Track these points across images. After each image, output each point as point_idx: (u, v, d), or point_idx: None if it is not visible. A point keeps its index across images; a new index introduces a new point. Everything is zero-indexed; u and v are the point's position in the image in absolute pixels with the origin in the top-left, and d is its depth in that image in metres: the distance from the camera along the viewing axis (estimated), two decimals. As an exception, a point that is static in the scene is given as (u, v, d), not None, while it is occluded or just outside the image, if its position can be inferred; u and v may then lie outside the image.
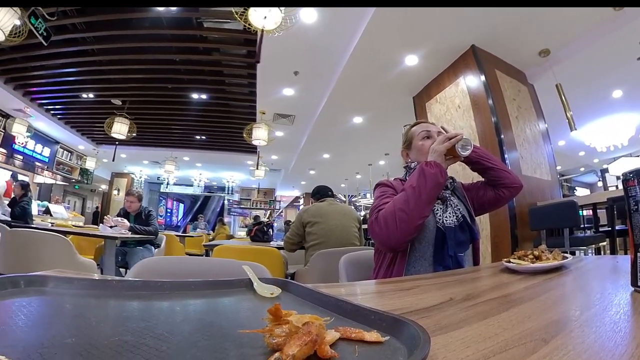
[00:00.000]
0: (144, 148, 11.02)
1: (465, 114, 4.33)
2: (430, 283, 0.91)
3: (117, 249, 3.93)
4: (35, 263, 2.91)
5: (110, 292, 0.64)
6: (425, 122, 1.62)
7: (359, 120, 6.72)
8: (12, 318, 0.48)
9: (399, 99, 5.61)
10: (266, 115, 6.85)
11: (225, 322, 0.53)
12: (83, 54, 6.05)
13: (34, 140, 9.79)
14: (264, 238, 4.54)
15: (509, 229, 3.62)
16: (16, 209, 4.96)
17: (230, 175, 14.20)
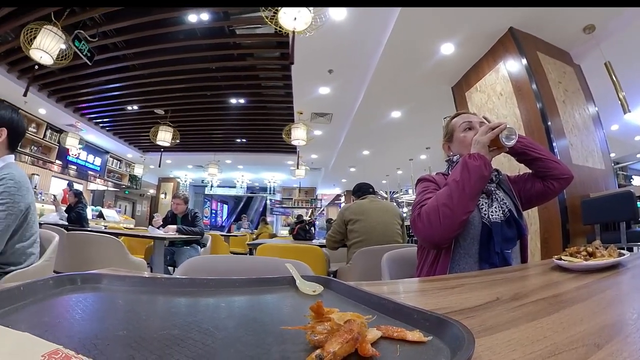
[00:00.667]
0: (187, 153, 11.46)
1: (508, 101, 4.07)
2: (476, 281, 0.88)
3: (166, 249, 4.11)
4: (91, 262, 3.10)
5: (159, 289, 0.68)
6: (466, 113, 1.55)
7: (397, 114, 6.55)
8: (69, 312, 0.53)
9: (438, 90, 5.40)
10: (304, 115, 6.90)
11: (268, 319, 0.55)
12: (125, 69, 6.44)
13: (85, 151, 10.53)
14: (306, 236, 4.58)
15: (560, 223, 3.34)
16: (72, 215, 5.29)
17: (272, 175, 14.43)
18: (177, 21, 4.97)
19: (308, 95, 6.20)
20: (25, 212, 1.63)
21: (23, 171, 1.73)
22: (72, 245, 3.20)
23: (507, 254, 1.28)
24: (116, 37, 5.40)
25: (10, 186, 1.55)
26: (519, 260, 1.37)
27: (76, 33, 4.77)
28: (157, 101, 7.72)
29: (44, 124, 8.88)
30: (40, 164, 9.26)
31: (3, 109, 1.71)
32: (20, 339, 0.36)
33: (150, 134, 7.92)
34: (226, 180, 14.93)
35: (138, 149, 11.73)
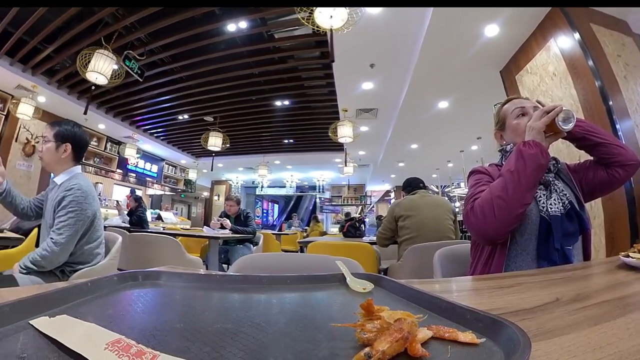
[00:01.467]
0: (237, 156, 11.87)
1: (562, 81, 3.64)
2: (533, 280, 0.83)
3: (220, 248, 4.30)
4: (151, 261, 3.29)
5: (214, 285, 0.72)
6: (517, 98, 1.45)
7: (444, 104, 6.27)
8: (131, 306, 0.58)
9: (485, 76, 5.07)
10: (349, 112, 6.85)
11: (318, 315, 0.55)
12: (173, 82, 6.85)
13: (143, 160, 11.48)
14: (356, 233, 4.56)
15: (627, 216, 2.91)
16: (133, 218, 5.75)
17: (320, 174, 14.53)
18: (217, 32, 5.13)
19: (352, 92, 6.15)
20: (92, 217, 1.80)
21: (89, 180, 1.90)
22: (134, 245, 3.42)
23: (568, 251, 1.18)
24: (162, 53, 5.76)
25: (78, 195, 1.73)
26: (581, 258, 1.27)
27: (126, 53, 5.23)
28: (205, 109, 8.09)
29: (104, 137, 9.87)
30: (103, 173, 10.32)
31: (66, 124, 1.90)
32: (87, 328, 0.40)
33: (202, 140, 8.37)
34: (276, 180, 15.25)
35: (191, 155, 12.46)
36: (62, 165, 1.89)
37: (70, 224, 1.69)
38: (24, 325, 0.41)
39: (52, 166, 1.89)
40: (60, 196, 1.75)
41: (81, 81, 6.60)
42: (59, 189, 1.81)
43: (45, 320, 0.42)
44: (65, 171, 1.89)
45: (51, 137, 1.85)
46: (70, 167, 1.90)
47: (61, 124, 1.90)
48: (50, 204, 1.80)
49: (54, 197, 1.79)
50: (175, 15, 4.69)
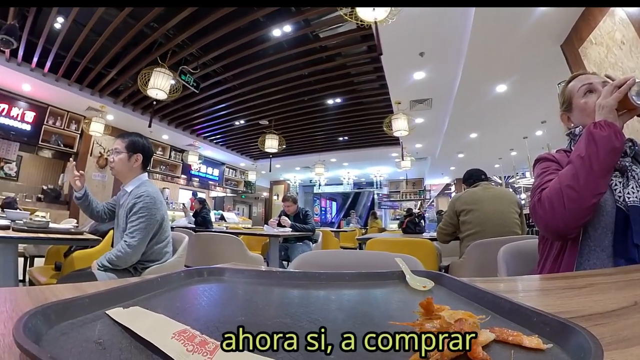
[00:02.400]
0: (294, 156, 12.13)
1: (632, 50, 3.15)
2: (609, 281, 0.76)
3: (280, 245, 4.45)
4: (215, 258, 3.45)
5: (274, 281, 0.74)
6: (584, 74, 1.29)
7: (502, 88, 5.86)
8: (197, 299, 0.62)
9: (545, 52, 4.62)
10: (402, 105, 6.71)
11: (376, 313, 0.55)
12: (228, 90, 7.23)
13: (205, 165, 12.33)
14: (415, 230, 4.45)
15: None
16: (198, 219, 6.12)
17: (377, 169, 14.34)
18: (263, 39, 5.29)
19: (403, 83, 6.01)
20: (160, 220, 1.96)
21: (156, 187, 2.08)
22: (199, 244, 3.61)
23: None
24: (214, 64, 6.14)
25: (147, 202, 1.90)
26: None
27: (181, 69, 5.74)
28: (260, 113, 8.39)
29: (168, 146, 10.88)
30: (169, 179, 11.30)
31: (138, 137, 2.09)
32: (157, 319, 0.44)
33: (259, 143, 8.81)
34: (333, 178, 15.32)
35: (249, 158, 13.03)
36: (132, 173, 2.08)
37: (141, 227, 1.85)
38: (101, 314, 0.46)
39: (122, 174, 2.08)
40: (131, 203, 1.92)
41: (143, 98, 7.27)
42: (130, 196, 1.99)
43: (119, 311, 0.47)
44: (134, 179, 2.07)
45: (123, 149, 2.04)
46: (138, 175, 2.09)
47: (131, 136, 2.09)
48: (123, 210, 1.99)
49: (126, 203, 1.97)
50: (222, 28, 4.96)
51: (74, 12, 4.77)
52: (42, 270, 2.62)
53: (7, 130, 7.40)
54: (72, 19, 4.91)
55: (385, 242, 3.20)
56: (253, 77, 6.47)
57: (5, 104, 7.31)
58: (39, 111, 7.83)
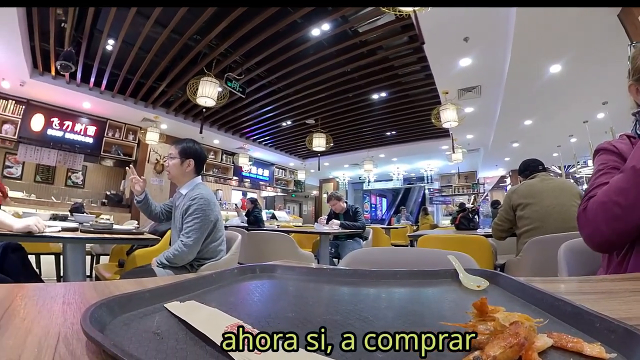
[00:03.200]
0: (342, 154, 12.14)
1: None
2: None
3: (330, 243, 4.46)
4: (267, 255, 3.52)
5: (324, 279, 0.75)
6: None
7: (556, 68, 5.32)
8: (249, 295, 0.64)
9: (600, 24, 4.14)
10: (450, 94, 6.45)
11: (427, 312, 0.54)
12: (273, 93, 7.40)
13: (255, 166, 12.74)
14: (469, 225, 4.29)
15: None
16: (250, 218, 6.40)
17: (427, 164, 13.89)
18: (303, 39, 5.32)
19: (449, 72, 5.78)
20: (214, 221, 2.07)
21: (209, 189, 2.19)
22: (252, 242, 3.72)
23: None
24: (258, 69, 6.30)
25: (201, 204, 2.00)
26: None
27: (226, 76, 6.03)
28: (306, 113, 8.47)
29: (219, 150, 11.42)
30: (222, 181, 11.84)
31: (189, 143, 2.21)
32: (211, 312, 0.47)
33: (306, 142, 8.92)
34: (382, 174, 15.09)
35: (298, 157, 13.23)
36: (186, 177, 2.20)
37: (196, 228, 1.96)
38: (160, 307, 0.49)
39: (177, 178, 2.22)
40: (186, 205, 2.04)
41: (193, 106, 7.81)
42: (185, 198, 2.11)
43: (176, 304, 0.50)
44: (189, 182, 2.20)
45: (176, 154, 2.17)
46: (192, 179, 2.21)
47: (184, 142, 2.22)
48: (179, 212, 2.11)
49: (181, 205, 2.09)
50: (261, 33, 5.09)
51: (123, 34, 5.19)
52: (106, 267, 2.84)
53: (73, 144, 8.33)
54: (121, 40, 5.37)
55: (438, 239, 3.11)
56: (297, 77, 6.56)
57: (69, 121, 8.25)
58: (100, 125, 8.74)
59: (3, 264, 1.84)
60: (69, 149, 8.34)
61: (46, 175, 8.81)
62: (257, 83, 6.87)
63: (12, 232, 1.58)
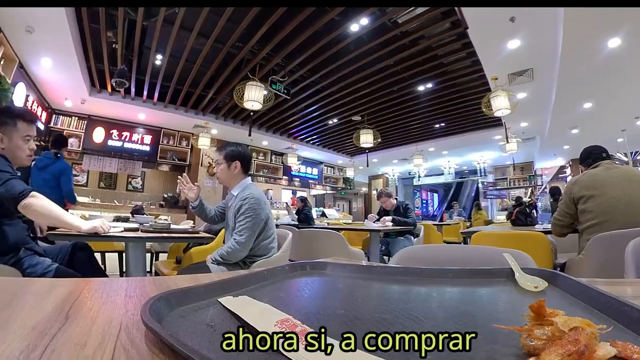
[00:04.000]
0: (390, 149, 11.96)
1: None
2: None
3: (381, 240, 4.40)
4: (317, 253, 3.54)
5: (374, 276, 0.75)
6: None
7: (615, 42, 4.75)
8: (300, 291, 0.66)
9: None
10: (500, 80, 6.09)
11: (480, 313, 0.52)
12: (317, 92, 7.46)
13: (304, 165, 12.97)
14: (526, 221, 4.04)
15: None
16: (301, 216, 6.58)
17: (480, 156, 13.18)
18: (343, 36, 5.29)
19: (497, 56, 5.44)
20: (265, 219, 2.13)
21: (259, 189, 2.26)
22: (302, 239, 3.76)
23: None
24: (301, 70, 6.41)
25: (252, 203, 2.07)
26: None
27: (270, 79, 6.23)
28: (352, 109, 8.44)
29: (268, 151, 11.78)
30: (272, 181, 12.21)
31: (233, 146, 2.30)
32: (262, 307, 0.48)
33: (354, 139, 8.90)
34: (432, 168, 14.60)
35: (346, 155, 13.24)
36: (235, 179, 2.29)
37: (248, 226, 2.04)
38: (214, 301, 0.52)
39: (227, 181, 2.31)
40: (238, 205, 2.12)
41: (241, 110, 8.31)
42: (236, 199, 2.19)
43: (229, 299, 0.52)
44: (239, 184, 2.28)
45: (222, 159, 2.26)
46: (242, 180, 2.29)
47: (228, 146, 2.31)
48: (231, 212, 2.20)
49: (233, 205, 2.18)
50: (300, 35, 5.18)
51: (169, 48, 5.65)
52: (165, 264, 3.02)
53: (131, 152, 9.25)
54: (168, 54, 5.84)
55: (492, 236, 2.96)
56: (340, 75, 6.54)
57: (127, 131, 9.18)
58: (155, 134, 9.59)
59: (72, 261, 2.00)
60: (128, 157, 9.27)
61: (109, 182, 9.69)
62: (301, 83, 6.98)
63: (80, 232, 1.72)
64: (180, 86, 7.29)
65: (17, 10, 4.30)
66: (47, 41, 5.07)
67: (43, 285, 0.67)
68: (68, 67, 5.94)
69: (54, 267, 1.76)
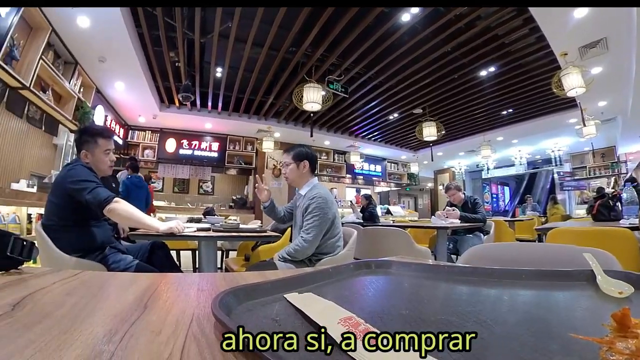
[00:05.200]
0: (455, 141, 11.53)
1: None
2: None
3: (449, 238, 4.25)
4: (382, 251, 3.51)
5: (441, 276, 0.73)
6: None
7: None
8: (364, 290, 0.66)
9: None
10: (570, 55, 5.40)
11: (555, 320, 0.48)
12: (375, 87, 7.39)
13: (367, 162, 12.94)
14: (610, 216, 3.67)
15: None
16: (365, 214, 6.62)
17: (554, 143, 11.85)
18: (394, 28, 5.16)
19: (564, 29, 4.85)
20: (332, 218, 2.19)
21: (326, 188, 2.35)
22: (367, 237, 3.75)
23: None
24: (356, 67, 6.39)
25: (320, 202, 2.15)
26: None
27: (327, 79, 6.38)
28: (412, 102, 8.23)
29: (331, 151, 12.02)
30: (336, 180, 12.37)
31: (300, 147, 2.42)
32: (326, 304, 0.49)
33: (416, 133, 8.72)
34: (502, 159, 13.56)
35: (409, 150, 12.99)
36: (303, 179, 2.38)
37: (315, 225, 2.10)
38: (280, 297, 0.54)
39: (296, 181, 2.41)
40: (306, 204, 2.20)
41: (301, 113, 8.63)
42: (304, 198, 2.28)
43: (295, 295, 0.54)
44: (307, 183, 2.38)
45: (291, 160, 2.37)
46: (309, 179, 2.38)
47: (295, 148, 2.42)
48: (299, 211, 2.29)
49: (301, 204, 2.27)
50: (352, 32, 5.19)
51: (228, 61, 6.14)
52: (234, 261, 3.21)
53: (201, 159, 10.16)
54: (227, 66, 6.37)
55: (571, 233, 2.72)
56: (396, 68, 6.40)
57: (196, 140, 10.12)
58: (221, 141, 10.35)
59: (151, 258, 2.24)
60: (198, 163, 10.21)
61: (182, 187, 10.80)
62: (358, 80, 6.95)
63: (158, 233, 1.91)
64: (241, 94, 7.80)
65: (89, 44, 5.15)
66: (118, 68, 5.93)
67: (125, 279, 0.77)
68: (138, 88, 6.85)
69: (135, 263, 2.01)
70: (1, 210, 3.75)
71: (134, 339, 0.39)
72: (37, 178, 4.79)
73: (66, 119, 5.51)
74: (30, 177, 4.73)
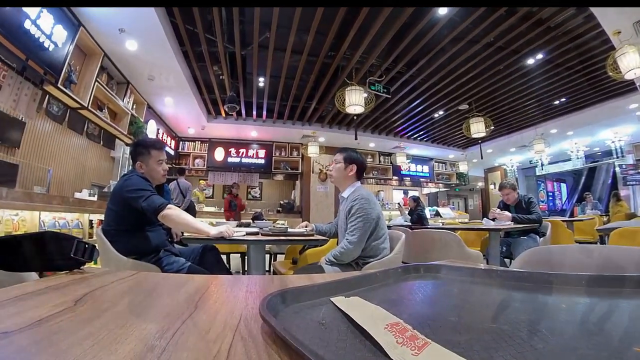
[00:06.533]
0: (505, 137, 11.05)
1: None
2: None
3: (501, 240, 4.03)
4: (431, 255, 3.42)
5: (494, 281, 0.69)
6: None
7: None
8: (412, 295, 0.65)
9: None
10: (624, 34, 4.86)
11: (618, 332, 0.44)
12: (417, 86, 7.27)
13: (413, 163, 12.74)
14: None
15: None
16: (414, 216, 6.50)
17: (614, 132, 10.78)
18: (432, 23, 5.02)
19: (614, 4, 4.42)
20: (376, 219, 2.18)
21: (369, 191, 2.34)
22: (416, 241, 3.66)
23: None
24: (397, 66, 6.34)
25: (363, 203, 2.15)
26: None
27: (368, 81, 6.35)
28: (457, 98, 7.97)
29: (376, 153, 12.00)
30: (382, 182, 12.30)
31: (352, 151, 2.46)
32: (373, 309, 0.49)
33: (463, 130, 8.43)
34: (557, 154, 12.64)
35: (457, 148, 12.61)
36: (347, 181, 2.40)
37: (359, 226, 2.11)
38: (326, 300, 0.55)
39: (339, 181, 2.43)
40: (349, 206, 2.21)
41: (345, 116, 8.76)
42: (347, 201, 2.29)
43: (341, 299, 0.54)
44: (350, 186, 2.39)
45: (341, 159, 2.40)
46: (353, 183, 2.40)
47: (348, 150, 2.47)
48: (343, 213, 2.31)
49: (344, 207, 2.29)
50: (388, 32, 5.14)
51: (269, 70, 6.39)
52: (282, 264, 3.24)
53: (249, 166, 10.65)
54: (269, 75, 6.61)
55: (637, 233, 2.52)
56: (438, 64, 6.23)
57: (243, 148, 10.64)
58: (267, 148, 10.77)
59: (202, 260, 2.35)
60: (246, 170, 10.67)
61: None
62: (400, 80, 6.86)
63: (209, 237, 2.00)
64: (284, 102, 8.06)
65: (138, 65, 5.73)
66: (166, 84, 6.45)
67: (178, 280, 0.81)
68: (186, 102, 7.41)
69: (187, 265, 2.14)
70: (66, 217, 4.14)
71: (184, 336, 0.41)
72: (97, 188, 5.42)
73: (121, 134, 6.14)
74: (91, 187, 5.36)
